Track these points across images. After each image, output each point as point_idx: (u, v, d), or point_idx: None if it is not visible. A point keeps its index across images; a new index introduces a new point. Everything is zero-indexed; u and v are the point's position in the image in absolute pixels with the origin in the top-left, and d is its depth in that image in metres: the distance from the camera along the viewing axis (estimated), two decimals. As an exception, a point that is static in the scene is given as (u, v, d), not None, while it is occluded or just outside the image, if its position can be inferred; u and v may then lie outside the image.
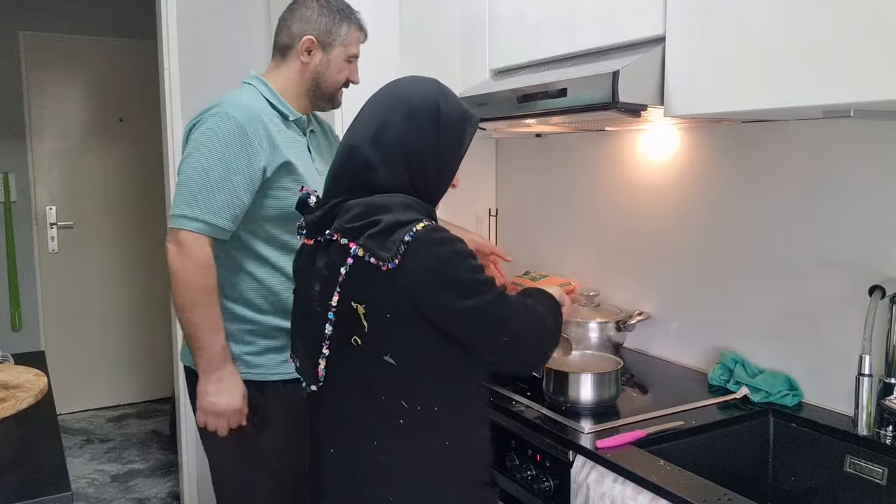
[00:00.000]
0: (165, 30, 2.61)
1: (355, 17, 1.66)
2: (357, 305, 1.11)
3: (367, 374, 1.14)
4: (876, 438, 1.34)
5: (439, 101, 1.18)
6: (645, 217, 1.97)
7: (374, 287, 1.09)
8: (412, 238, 1.06)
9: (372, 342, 1.12)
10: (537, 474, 1.44)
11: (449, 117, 1.18)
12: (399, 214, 1.10)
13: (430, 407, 1.14)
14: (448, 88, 1.23)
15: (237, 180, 1.48)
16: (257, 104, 1.56)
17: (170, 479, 3.33)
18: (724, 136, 1.73)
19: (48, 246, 4.14)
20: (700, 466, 1.33)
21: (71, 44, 4.12)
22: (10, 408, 1.26)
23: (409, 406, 1.13)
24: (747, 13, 1.22)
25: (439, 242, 1.09)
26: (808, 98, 1.13)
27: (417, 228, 1.07)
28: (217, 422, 1.55)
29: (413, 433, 1.15)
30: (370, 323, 1.11)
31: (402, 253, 1.06)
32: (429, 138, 1.16)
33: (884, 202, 1.41)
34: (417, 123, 1.16)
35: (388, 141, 1.15)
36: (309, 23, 1.62)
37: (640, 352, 1.98)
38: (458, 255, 1.10)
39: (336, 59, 1.63)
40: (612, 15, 1.51)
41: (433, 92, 1.19)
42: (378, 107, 1.20)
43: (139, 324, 4.37)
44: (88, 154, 4.21)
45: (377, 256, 1.07)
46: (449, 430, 1.17)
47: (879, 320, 1.34)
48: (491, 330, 1.13)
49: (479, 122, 1.25)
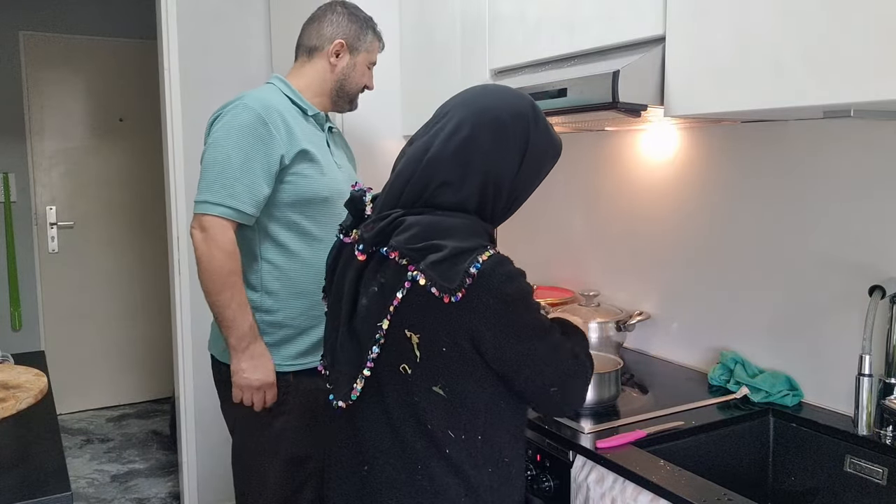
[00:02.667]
0: (166, 30, 2.62)
1: (377, 28, 1.80)
2: (411, 334, 1.06)
3: (414, 402, 1.09)
4: (876, 438, 1.34)
5: (530, 126, 1.11)
6: (645, 217, 1.97)
7: (432, 317, 1.04)
8: (478, 270, 1.01)
9: (423, 372, 1.07)
10: (537, 474, 1.44)
11: (536, 144, 1.12)
12: (463, 240, 1.04)
13: (475, 436, 1.10)
14: (540, 112, 1.15)
15: (257, 168, 1.56)
16: (276, 98, 1.67)
17: (170, 479, 3.33)
18: (724, 136, 1.73)
19: (48, 246, 4.14)
20: (700, 466, 1.33)
21: (71, 44, 4.12)
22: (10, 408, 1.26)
23: (455, 436, 1.10)
24: (747, 13, 1.22)
25: (506, 279, 1.03)
26: (808, 98, 1.13)
27: (483, 259, 1.01)
28: (254, 396, 1.62)
29: (459, 463, 1.11)
30: (423, 353, 1.06)
31: (467, 286, 1.00)
32: (512, 164, 1.10)
33: (884, 202, 1.41)
34: (507, 147, 1.09)
35: (471, 160, 1.08)
36: (340, 27, 1.74)
37: (640, 352, 1.98)
38: (524, 295, 1.06)
39: (361, 63, 1.77)
40: (612, 15, 1.51)
41: (526, 113, 1.12)
42: (464, 117, 1.11)
43: (139, 324, 4.37)
44: (88, 154, 4.22)
45: (440, 287, 1.01)
46: (493, 459, 1.13)
47: (879, 320, 1.34)
48: (541, 377, 1.08)
49: (561, 151, 1.18)
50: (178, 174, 2.66)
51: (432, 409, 1.08)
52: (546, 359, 1.08)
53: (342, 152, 1.83)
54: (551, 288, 2.26)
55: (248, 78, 2.74)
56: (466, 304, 1.01)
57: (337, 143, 1.83)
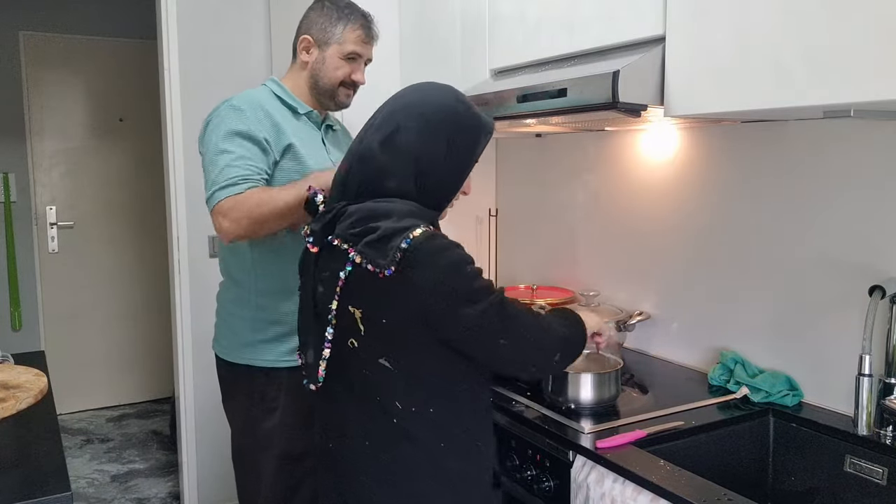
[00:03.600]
0: (166, 30, 2.62)
1: (355, 17, 1.72)
2: (354, 310, 1.14)
3: (364, 375, 1.16)
4: (876, 438, 1.34)
5: (455, 110, 1.18)
6: (645, 217, 1.97)
7: (370, 293, 1.12)
8: (409, 245, 1.07)
9: (367, 345, 1.14)
10: (537, 474, 1.44)
11: (463, 127, 1.18)
12: (397, 221, 1.11)
13: (426, 408, 1.15)
14: (465, 100, 1.23)
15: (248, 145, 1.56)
16: (264, 98, 1.68)
17: (170, 479, 3.33)
18: (723, 136, 1.73)
19: (48, 246, 4.14)
20: (700, 466, 1.32)
21: (71, 44, 4.12)
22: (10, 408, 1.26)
23: (404, 407, 1.15)
24: (747, 13, 1.22)
25: (438, 251, 1.09)
26: (808, 98, 1.13)
27: (414, 235, 1.08)
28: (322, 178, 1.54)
29: (408, 433, 1.16)
30: (366, 327, 1.13)
31: (398, 260, 1.07)
32: (440, 148, 1.16)
33: (884, 202, 1.41)
34: (430, 133, 1.16)
35: (400, 148, 1.16)
36: (308, 22, 1.73)
37: (640, 352, 1.98)
38: (457, 263, 1.11)
39: (331, 56, 1.71)
40: (612, 15, 1.51)
41: (450, 101, 1.20)
42: (392, 112, 1.20)
43: (139, 324, 4.37)
44: (89, 154, 4.22)
45: (374, 263, 1.09)
46: (447, 431, 1.17)
47: (879, 320, 1.35)
48: (489, 335, 1.12)
49: (494, 128, 1.25)
50: (178, 174, 2.66)
51: (381, 381, 1.15)
52: (490, 316, 1.10)
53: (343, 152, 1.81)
54: (551, 288, 2.26)
55: (248, 78, 2.74)
56: (402, 277, 1.08)
57: (338, 143, 1.82)
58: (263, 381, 1.67)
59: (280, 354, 1.67)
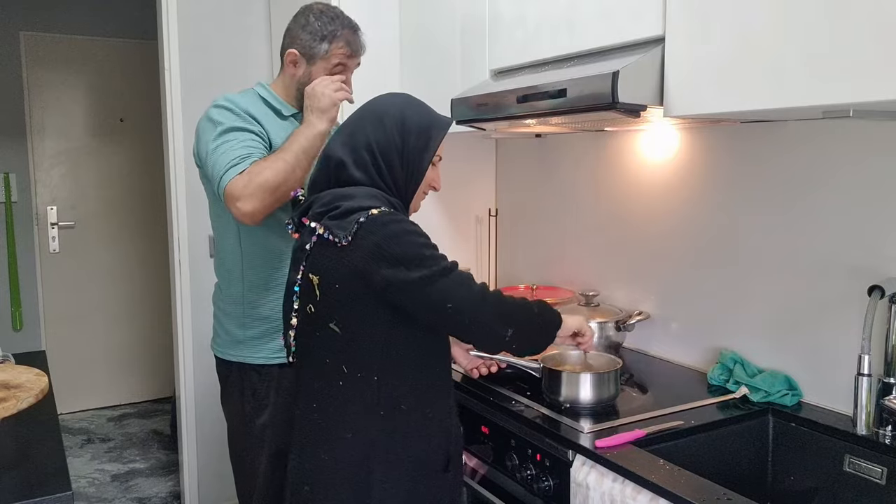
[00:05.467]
0: (166, 30, 2.62)
1: (340, 32, 1.70)
2: (313, 277, 1.25)
3: (317, 339, 1.26)
4: (875, 438, 1.34)
5: (404, 110, 1.30)
6: (644, 217, 1.97)
7: (328, 260, 1.22)
8: (366, 219, 1.18)
9: (321, 310, 1.24)
10: (537, 474, 1.44)
11: (413, 122, 1.29)
12: (360, 202, 1.22)
13: (371, 376, 1.23)
14: (418, 101, 1.35)
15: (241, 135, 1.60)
16: (248, 100, 1.70)
17: (170, 479, 3.33)
18: (723, 136, 1.73)
19: (49, 246, 4.14)
20: (700, 466, 1.33)
21: (71, 44, 4.12)
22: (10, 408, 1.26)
23: (350, 372, 1.23)
24: (747, 13, 1.22)
25: (390, 222, 1.19)
26: (807, 98, 1.13)
27: (373, 213, 1.19)
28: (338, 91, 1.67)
29: (350, 398, 1.23)
30: (321, 292, 1.24)
31: (354, 231, 1.18)
32: (394, 140, 1.28)
33: (883, 202, 1.41)
34: (384, 127, 1.28)
35: (358, 143, 1.28)
36: (294, 37, 1.73)
37: (640, 352, 1.98)
38: (407, 231, 1.20)
39: (317, 72, 1.71)
40: (612, 15, 1.51)
41: (399, 102, 1.32)
42: (350, 120, 1.33)
43: (139, 324, 4.38)
44: (89, 154, 4.22)
45: (334, 234, 1.20)
46: (388, 403, 1.23)
47: (879, 320, 1.35)
48: (435, 300, 1.18)
49: (450, 124, 1.35)
50: (178, 174, 2.66)
51: (330, 344, 1.24)
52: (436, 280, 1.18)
53: None
54: (551, 288, 2.26)
55: (248, 78, 2.72)
56: (356, 245, 1.18)
57: None
58: (255, 379, 1.71)
59: (270, 352, 1.71)
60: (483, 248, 2.54)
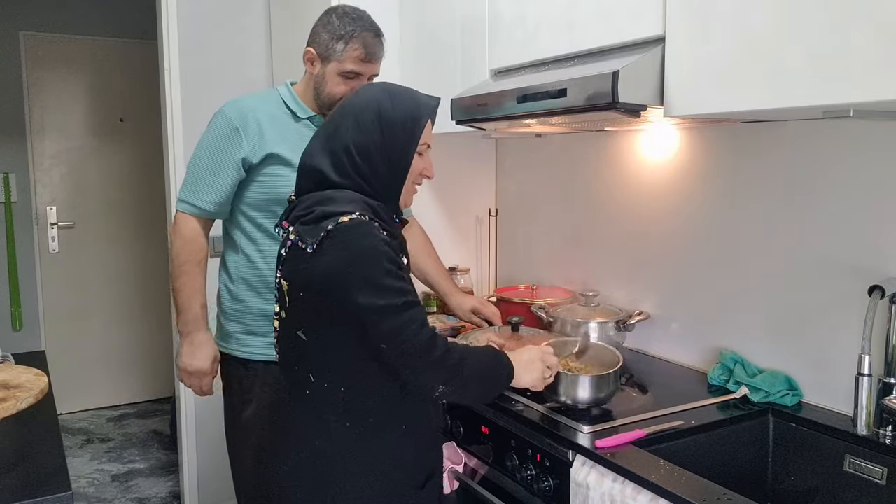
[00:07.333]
0: (166, 30, 2.62)
1: (359, 35, 1.70)
2: (284, 282, 1.23)
3: (287, 345, 1.26)
4: (875, 438, 1.34)
5: (382, 102, 1.25)
6: (644, 217, 1.97)
7: (297, 267, 1.20)
8: (335, 227, 1.15)
9: (290, 316, 1.23)
10: (537, 474, 1.44)
11: (391, 116, 1.24)
12: (336, 206, 1.19)
13: (337, 388, 1.21)
14: (398, 89, 1.29)
15: (220, 170, 1.69)
16: (262, 103, 1.74)
17: (170, 479, 3.33)
18: (723, 136, 1.73)
19: (49, 246, 4.14)
20: (700, 466, 1.33)
21: (71, 44, 4.12)
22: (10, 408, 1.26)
23: (316, 381, 1.21)
24: (747, 13, 1.22)
25: (357, 237, 1.16)
26: (808, 98, 1.13)
27: (343, 220, 1.16)
28: (190, 380, 1.76)
29: (315, 409, 1.22)
30: (290, 298, 1.22)
31: (320, 238, 1.15)
32: (374, 137, 1.23)
33: (883, 202, 1.41)
34: (361, 125, 1.23)
35: (336, 146, 1.24)
36: (313, 36, 1.75)
37: (640, 352, 1.98)
38: (372, 254, 1.15)
39: (330, 73, 1.73)
40: (612, 15, 1.51)
41: (376, 96, 1.26)
42: (328, 121, 1.30)
43: (139, 324, 4.37)
44: (89, 154, 4.22)
45: (303, 240, 1.18)
46: (355, 415, 1.21)
47: (879, 320, 1.35)
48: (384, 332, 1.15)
49: (435, 106, 1.29)
50: (178, 174, 2.66)
51: (298, 351, 1.23)
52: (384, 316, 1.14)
53: None
54: (551, 288, 2.26)
55: (248, 78, 2.74)
56: (321, 253, 1.16)
57: None
58: (243, 372, 1.77)
59: (256, 348, 1.75)
60: (483, 248, 2.54)
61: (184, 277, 1.72)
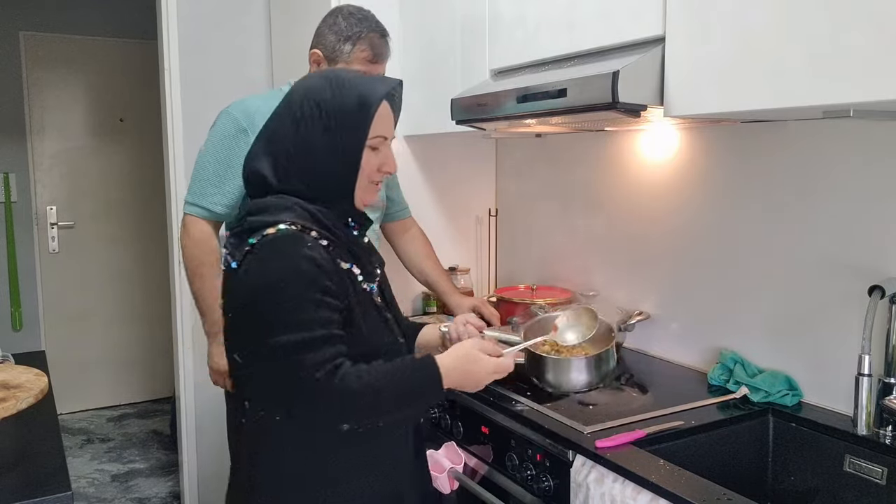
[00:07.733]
0: (166, 30, 2.62)
1: (365, 36, 1.71)
2: (221, 300, 1.14)
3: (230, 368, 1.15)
4: (875, 438, 1.34)
5: (322, 93, 1.11)
6: (644, 217, 1.97)
7: (226, 284, 1.12)
8: (258, 242, 1.06)
9: (228, 338, 1.13)
10: (537, 474, 1.44)
11: (334, 104, 1.11)
12: (266, 216, 1.09)
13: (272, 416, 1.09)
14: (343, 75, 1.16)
15: (228, 172, 1.69)
16: (264, 103, 1.70)
17: (170, 479, 3.33)
18: (723, 136, 1.73)
19: (48, 246, 4.14)
20: (700, 466, 1.32)
21: (71, 44, 4.12)
22: (10, 408, 1.26)
23: (252, 408, 1.13)
24: (747, 13, 1.22)
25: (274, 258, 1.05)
26: (808, 98, 1.13)
27: (268, 233, 1.06)
28: (221, 380, 1.75)
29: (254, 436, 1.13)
30: (225, 319, 1.13)
31: (245, 254, 1.07)
32: (314, 132, 1.11)
33: (884, 202, 1.41)
34: (299, 122, 1.11)
35: (276, 149, 1.13)
36: (319, 37, 1.75)
37: (640, 352, 1.98)
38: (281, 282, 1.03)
39: None
40: (612, 15, 1.51)
41: (317, 84, 1.13)
42: (268, 120, 1.17)
43: (139, 324, 4.37)
44: (89, 154, 4.22)
45: (231, 255, 1.10)
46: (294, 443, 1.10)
47: (879, 320, 1.35)
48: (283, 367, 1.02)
49: (387, 92, 1.15)
50: (178, 174, 2.66)
51: (237, 376, 1.14)
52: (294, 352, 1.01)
53: None
54: (551, 288, 2.26)
55: (248, 78, 2.74)
56: (242, 271, 1.07)
57: None
58: None
59: None
60: (483, 248, 2.54)
61: (200, 281, 1.72)
